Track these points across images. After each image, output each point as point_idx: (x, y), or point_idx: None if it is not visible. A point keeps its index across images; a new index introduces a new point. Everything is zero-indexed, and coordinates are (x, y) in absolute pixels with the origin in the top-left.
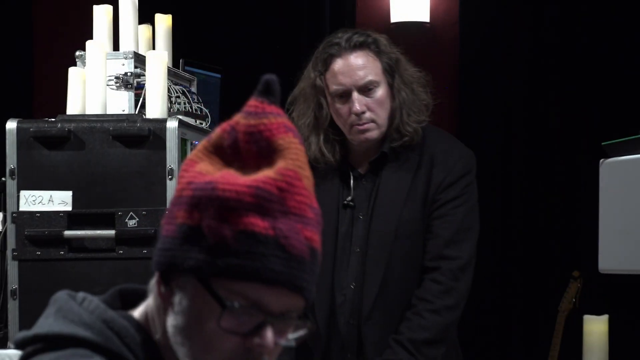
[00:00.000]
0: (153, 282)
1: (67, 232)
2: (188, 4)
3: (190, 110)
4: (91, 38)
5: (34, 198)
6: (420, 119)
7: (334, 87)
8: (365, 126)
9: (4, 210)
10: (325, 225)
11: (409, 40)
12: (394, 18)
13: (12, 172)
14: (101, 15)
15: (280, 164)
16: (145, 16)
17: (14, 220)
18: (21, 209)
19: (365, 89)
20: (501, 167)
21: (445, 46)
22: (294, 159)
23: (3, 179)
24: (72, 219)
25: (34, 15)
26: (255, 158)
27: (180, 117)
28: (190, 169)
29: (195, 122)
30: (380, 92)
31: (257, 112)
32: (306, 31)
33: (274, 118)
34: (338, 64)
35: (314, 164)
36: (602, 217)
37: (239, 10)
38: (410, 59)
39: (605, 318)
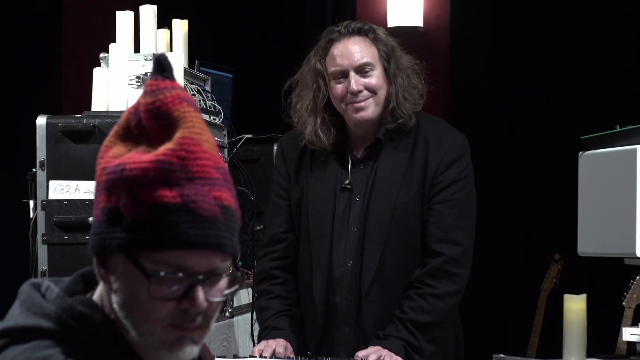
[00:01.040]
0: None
1: (92, 218)
2: (203, 10)
3: (204, 107)
4: (114, 41)
5: (62, 187)
6: (415, 104)
7: (332, 69)
8: (362, 104)
9: (35, 199)
10: (323, 207)
11: (404, 43)
12: (391, 23)
13: (42, 164)
14: (123, 20)
15: (177, 134)
16: (163, 21)
17: (43, 208)
18: (50, 197)
19: (362, 70)
20: (488, 159)
21: (437, 48)
22: (189, 127)
23: (34, 169)
24: None
25: (64, 21)
26: (159, 133)
27: None
28: (105, 155)
29: (209, 117)
30: (376, 74)
31: (153, 90)
32: (309, 34)
33: (168, 92)
34: (337, 48)
35: (310, 147)
36: (581, 205)
37: (249, 16)
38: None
39: (583, 297)
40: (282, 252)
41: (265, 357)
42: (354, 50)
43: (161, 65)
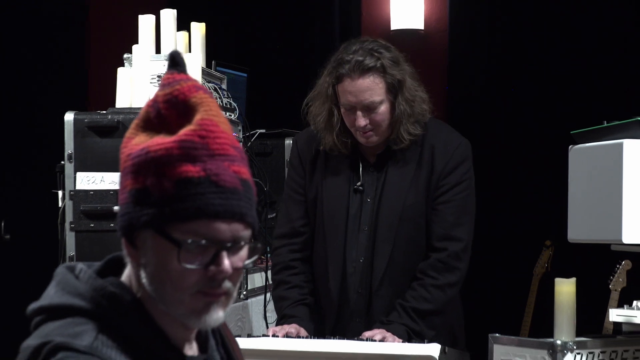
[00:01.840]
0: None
1: (117, 208)
2: (219, 14)
3: (221, 104)
4: (137, 43)
5: (88, 178)
6: (421, 119)
7: (342, 101)
8: (367, 134)
9: (63, 189)
10: (338, 207)
11: (406, 44)
12: (394, 26)
13: (69, 157)
14: (146, 23)
15: (197, 117)
16: (182, 24)
17: (71, 197)
18: (77, 187)
19: (368, 108)
20: (485, 153)
21: (437, 50)
22: (207, 110)
23: (62, 162)
24: None
25: (90, 25)
26: (178, 119)
27: None
28: (128, 144)
29: (225, 114)
30: (382, 108)
31: (170, 82)
32: (318, 36)
33: (184, 82)
34: (347, 84)
35: (329, 153)
36: (571, 195)
37: (262, 20)
38: (408, 60)
39: (573, 280)
40: (300, 245)
41: (278, 337)
42: (363, 89)
43: (175, 60)
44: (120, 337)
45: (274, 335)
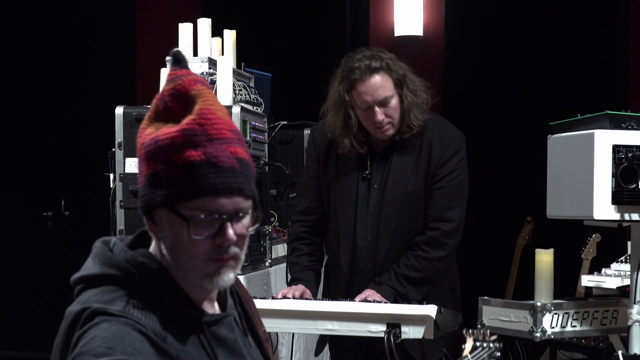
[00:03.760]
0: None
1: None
2: (248, 22)
3: (249, 99)
4: (177, 47)
5: (135, 163)
6: (423, 110)
7: (359, 103)
8: (385, 127)
9: (114, 172)
10: (348, 192)
11: (408, 49)
12: (397, 33)
13: (119, 145)
14: (185, 30)
15: (196, 107)
16: (216, 31)
17: (121, 180)
18: (126, 171)
19: (383, 103)
20: (477, 142)
21: (434, 53)
22: (205, 100)
23: (113, 149)
24: None
25: (137, 31)
26: (182, 110)
27: (242, 104)
28: (142, 135)
29: (253, 108)
30: (394, 101)
31: (173, 78)
32: (333, 42)
33: (185, 77)
34: (361, 86)
35: (348, 155)
36: (549, 178)
37: (285, 27)
38: (409, 63)
39: (551, 251)
40: (312, 222)
41: (289, 298)
42: (376, 87)
43: (177, 58)
44: (149, 301)
45: (284, 297)
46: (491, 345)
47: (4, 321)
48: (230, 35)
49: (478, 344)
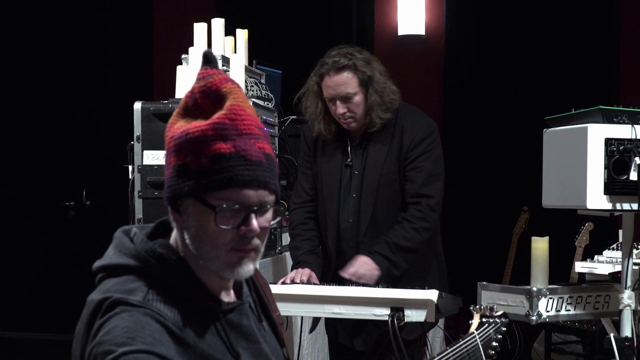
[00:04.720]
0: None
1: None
2: (260, 22)
3: (260, 95)
4: (193, 45)
5: (153, 156)
6: (391, 107)
7: (325, 95)
8: (347, 121)
9: (133, 164)
10: (333, 179)
11: (411, 47)
12: (400, 32)
13: (138, 138)
14: (200, 29)
15: (227, 104)
16: (229, 30)
17: (139, 171)
18: (144, 163)
19: (345, 98)
20: (477, 136)
21: (435, 52)
22: (235, 97)
23: (132, 142)
24: None
25: (155, 31)
26: (211, 107)
27: (253, 99)
28: (171, 129)
29: (264, 103)
30: (357, 98)
31: (204, 76)
32: (339, 40)
33: (217, 76)
34: (327, 80)
35: (320, 138)
36: (545, 169)
37: (294, 26)
38: (410, 63)
39: (546, 239)
40: (311, 208)
41: (297, 283)
42: (339, 83)
43: (208, 58)
44: (167, 291)
45: (292, 282)
46: (497, 320)
47: (30, 306)
48: (242, 34)
49: (484, 319)
